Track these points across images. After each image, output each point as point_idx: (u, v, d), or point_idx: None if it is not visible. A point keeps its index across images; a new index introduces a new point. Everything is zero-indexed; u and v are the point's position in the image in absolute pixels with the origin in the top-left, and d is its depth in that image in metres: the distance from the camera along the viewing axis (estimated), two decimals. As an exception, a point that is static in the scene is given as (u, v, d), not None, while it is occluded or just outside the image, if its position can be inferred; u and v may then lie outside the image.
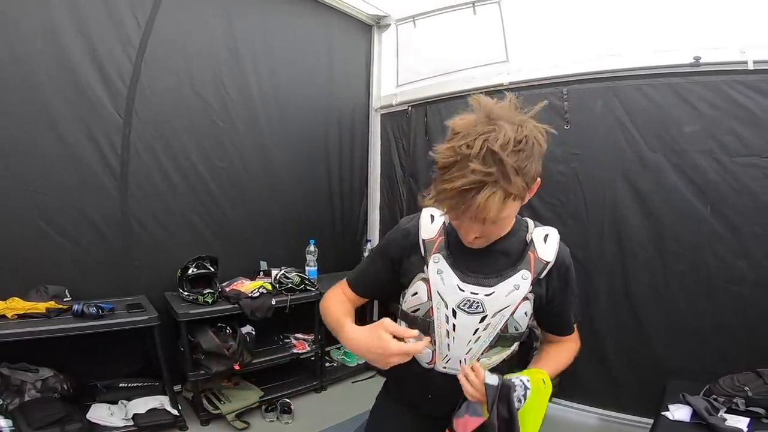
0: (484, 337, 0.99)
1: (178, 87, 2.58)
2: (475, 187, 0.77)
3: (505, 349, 1.04)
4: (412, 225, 1.07)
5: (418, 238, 1.04)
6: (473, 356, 1.01)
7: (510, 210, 0.85)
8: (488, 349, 1.01)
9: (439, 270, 0.99)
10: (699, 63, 2.13)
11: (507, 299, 0.96)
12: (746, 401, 1.77)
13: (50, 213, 2.21)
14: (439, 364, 1.04)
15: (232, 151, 2.86)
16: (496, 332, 0.99)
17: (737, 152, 2.11)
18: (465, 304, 0.97)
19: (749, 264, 2.11)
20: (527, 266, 0.97)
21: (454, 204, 0.81)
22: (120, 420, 2.19)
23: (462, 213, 0.82)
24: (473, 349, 1.00)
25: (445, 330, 1.00)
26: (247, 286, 2.66)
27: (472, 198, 0.78)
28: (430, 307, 1.00)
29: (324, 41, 3.30)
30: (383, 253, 1.12)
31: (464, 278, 0.97)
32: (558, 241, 1.00)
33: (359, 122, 3.63)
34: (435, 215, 1.06)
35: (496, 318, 0.97)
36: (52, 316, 2.01)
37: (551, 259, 0.98)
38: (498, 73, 2.80)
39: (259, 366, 2.70)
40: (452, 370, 1.02)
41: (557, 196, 2.62)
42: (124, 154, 2.40)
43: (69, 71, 2.19)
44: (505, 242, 0.99)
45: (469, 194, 0.78)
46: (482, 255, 0.98)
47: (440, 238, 1.02)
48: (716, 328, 2.20)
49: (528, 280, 0.96)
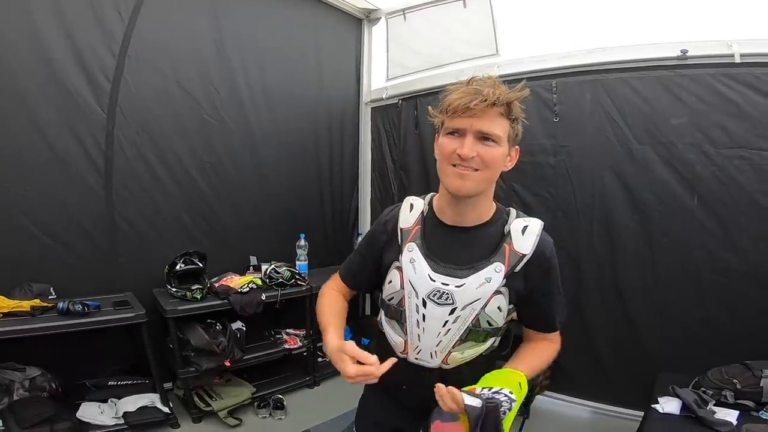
0: (454, 330, 0.97)
1: (163, 83, 2.54)
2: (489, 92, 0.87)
3: (479, 343, 1.00)
4: (393, 214, 1.08)
5: (397, 226, 1.05)
6: (444, 349, 0.99)
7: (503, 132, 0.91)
8: (459, 343, 0.99)
9: (411, 259, 0.99)
10: (686, 56, 2.14)
11: (477, 292, 0.94)
12: (735, 394, 1.79)
13: (33, 210, 2.17)
14: (410, 354, 1.03)
15: (220, 147, 2.83)
16: (466, 326, 0.97)
17: (723, 144, 2.12)
18: (435, 295, 0.96)
19: (736, 255, 2.13)
20: (501, 259, 0.95)
21: (471, 102, 0.87)
22: (110, 418, 2.18)
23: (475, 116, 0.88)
24: (443, 341, 0.99)
25: (416, 320, 0.99)
26: (236, 282, 2.64)
27: (489, 103, 0.87)
28: (403, 296, 1.01)
29: (313, 35, 3.27)
30: (368, 242, 1.13)
31: (436, 268, 0.97)
32: (538, 233, 0.97)
33: (349, 116, 3.61)
34: (415, 204, 1.06)
35: (466, 311, 0.96)
36: (37, 314, 1.99)
37: (528, 252, 0.95)
38: (488, 66, 2.78)
39: (251, 362, 2.69)
40: (423, 362, 1.02)
41: (547, 189, 2.63)
42: (109, 151, 2.37)
43: (50, 66, 2.14)
44: (482, 231, 0.98)
45: (483, 97, 0.87)
46: (457, 244, 0.98)
47: (417, 227, 1.02)
48: (704, 319, 2.23)
49: (501, 273, 0.94)
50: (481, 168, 0.91)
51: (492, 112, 0.89)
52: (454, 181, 0.92)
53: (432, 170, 3.12)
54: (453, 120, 0.90)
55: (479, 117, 0.88)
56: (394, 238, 1.05)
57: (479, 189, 0.93)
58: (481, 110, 0.87)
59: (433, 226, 1.01)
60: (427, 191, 1.11)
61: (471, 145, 0.89)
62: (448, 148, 0.91)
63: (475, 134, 0.89)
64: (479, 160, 0.90)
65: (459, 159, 0.90)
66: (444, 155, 0.93)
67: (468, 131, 0.89)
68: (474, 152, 0.89)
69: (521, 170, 2.63)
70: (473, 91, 0.88)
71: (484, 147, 0.90)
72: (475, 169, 0.91)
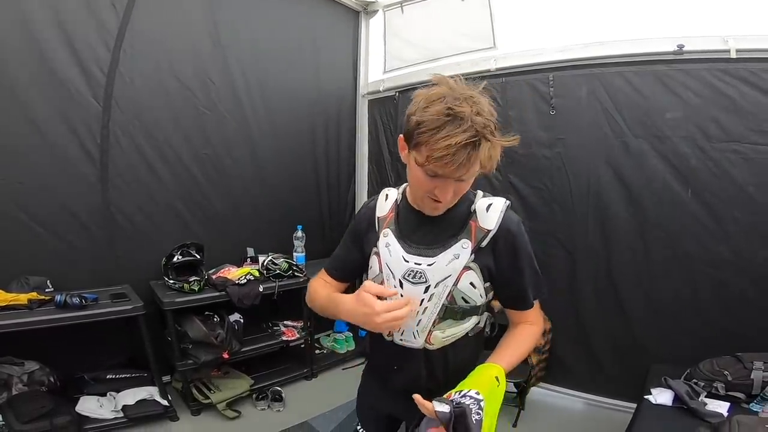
0: (431, 308, 1.01)
1: (159, 74, 2.52)
2: (474, 141, 0.83)
3: (458, 322, 1.03)
4: (371, 204, 1.15)
5: (375, 215, 1.12)
6: (424, 328, 1.03)
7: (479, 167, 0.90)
8: (438, 321, 1.02)
9: (387, 243, 1.05)
10: (682, 51, 2.15)
11: (448, 268, 0.98)
12: (726, 386, 1.82)
13: (29, 203, 2.16)
14: (396, 336, 1.07)
15: (216, 138, 2.81)
16: (441, 302, 1.00)
17: (718, 138, 2.14)
18: (410, 275, 1.01)
19: (729, 249, 2.16)
20: (468, 235, 0.99)
21: (457, 158, 0.84)
22: (110, 412, 2.19)
23: (458, 168, 0.85)
24: (422, 320, 1.02)
25: None
26: (234, 273, 2.65)
27: (474, 150, 0.84)
28: (383, 280, 1.06)
29: (310, 27, 3.24)
30: (351, 234, 1.18)
31: (409, 249, 1.02)
32: (502, 209, 1.00)
33: (346, 108, 3.60)
34: (389, 194, 1.13)
35: (439, 288, 0.99)
36: (34, 308, 1.98)
37: (493, 227, 0.98)
38: (485, 59, 2.79)
39: (249, 354, 2.70)
40: (408, 342, 1.06)
41: (543, 181, 2.64)
42: (104, 143, 2.35)
43: (45, 60, 2.11)
44: (450, 213, 1.02)
45: (469, 147, 0.84)
46: (427, 227, 1.04)
47: (391, 214, 1.09)
48: (697, 312, 2.26)
49: (468, 249, 0.98)
50: (454, 200, 0.98)
51: (476, 162, 0.87)
52: (430, 209, 1.00)
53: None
54: (436, 167, 0.87)
55: (463, 168, 0.87)
56: (372, 227, 1.11)
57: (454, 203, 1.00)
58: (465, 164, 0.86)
59: (406, 212, 1.08)
60: None
61: (448, 190, 0.92)
62: (426, 187, 0.93)
63: (456, 179, 0.91)
64: (455, 196, 0.96)
65: (437, 197, 0.94)
66: (421, 187, 0.95)
67: (449, 178, 0.90)
68: (451, 194, 0.94)
69: (518, 162, 2.65)
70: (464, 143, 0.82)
71: (459, 184, 0.93)
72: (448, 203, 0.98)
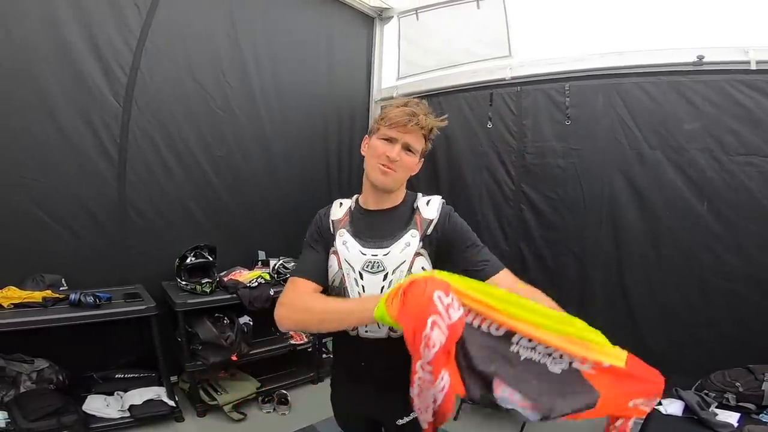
0: None
1: (178, 76, 2.55)
2: (417, 112, 1.13)
3: None
4: (325, 211, 1.27)
5: (329, 220, 1.23)
6: None
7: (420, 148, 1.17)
8: None
9: (344, 241, 1.17)
10: (702, 62, 2.15)
11: (401, 255, 1.12)
12: (737, 396, 1.81)
13: (47, 201, 2.17)
14: (360, 329, 1.14)
15: (231, 141, 2.83)
16: None
17: (735, 151, 2.14)
18: (368, 266, 1.13)
19: (742, 261, 2.15)
20: (415, 226, 1.16)
21: (406, 117, 1.11)
22: (116, 411, 2.18)
23: (406, 130, 1.12)
24: None
25: (357, 292, 1.14)
26: (245, 276, 2.65)
27: (415, 117, 1.12)
28: (342, 275, 1.16)
29: (325, 32, 3.27)
30: (313, 238, 1.25)
31: (365, 244, 1.15)
32: (439, 203, 1.19)
33: (359, 113, 3.61)
34: (343, 202, 1.27)
35: (396, 274, 1.12)
36: (48, 306, 1.99)
37: (434, 217, 1.16)
38: (500, 67, 2.80)
39: (256, 357, 2.69)
40: (372, 333, 1.13)
41: (555, 190, 2.64)
42: (123, 142, 2.37)
43: (68, 58, 2.15)
44: (397, 210, 1.20)
45: (415, 117, 1.12)
46: (378, 224, 1.18)
47: (346, 218, 1.22)
48: (709, 323, 2.24)
49: (417, 237, 1.14)
50: (399, 170, 1.15)
51: (418, 132, 1.15)
52: (379, 176, 1.15)
53: (441, 169, 3.15)
54: (389, 130, 1.14)
55: (409, 133, 1.13)
56: (329, 230, 1.22)
57: (396, 185, 1.18)
58: (412, 128, 1.13)
59: (359, 215, 1.22)
60: (436, 190, 1.23)
61: (398, 152, 1.14)
62: (381, 149, 1.15)
63: (403, 145, 1.14)
64: (401, 164, 1.15)
65: (387, 160, 1.14)
66: (375, 155, 1.16)
67: (398, 141, 1.14)
68: (399, 157, 1.14)
69: (530, 171, 2.65)
70: (411, 113, 1.12)
71: (406, 155, 1.15)
72: (394, 171, 1.14)
